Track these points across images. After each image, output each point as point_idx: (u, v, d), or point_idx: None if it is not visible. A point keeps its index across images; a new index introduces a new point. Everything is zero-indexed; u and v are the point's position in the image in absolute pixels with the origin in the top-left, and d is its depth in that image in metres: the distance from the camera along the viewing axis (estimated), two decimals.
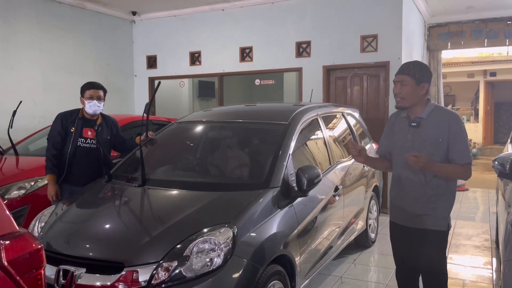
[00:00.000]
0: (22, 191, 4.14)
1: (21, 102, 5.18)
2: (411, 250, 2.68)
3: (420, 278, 2.78)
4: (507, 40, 7.59)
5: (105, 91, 3.76)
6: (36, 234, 2.84)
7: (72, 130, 3.65)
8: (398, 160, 2.70)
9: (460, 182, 8.54)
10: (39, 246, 1.71)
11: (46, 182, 4.12)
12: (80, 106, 3.80)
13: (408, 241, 2.69)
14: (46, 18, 6.65)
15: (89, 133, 3.70)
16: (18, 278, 1.55)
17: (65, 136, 3.66)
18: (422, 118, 2.58)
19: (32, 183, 4.20)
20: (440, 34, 8.03)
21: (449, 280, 3.85)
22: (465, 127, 2.56)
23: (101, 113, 3.82)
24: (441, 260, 2.64)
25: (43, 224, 2.91)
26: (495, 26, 7.58)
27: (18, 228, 1.71)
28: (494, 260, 4.45)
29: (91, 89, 3.67)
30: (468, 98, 16.50)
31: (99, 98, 3.68)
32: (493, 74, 14.99)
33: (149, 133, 3.68)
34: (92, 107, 3.66)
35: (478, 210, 6.84)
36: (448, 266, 4.36)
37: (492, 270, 4.21)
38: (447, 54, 11.63)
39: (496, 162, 3.12)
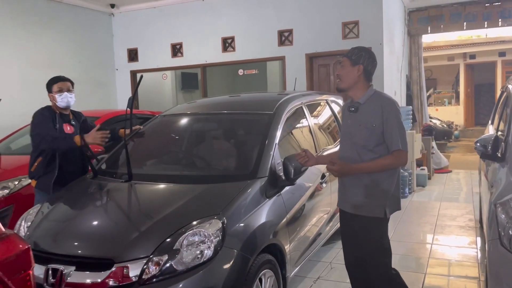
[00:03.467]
0: (6, 191, 4.07)
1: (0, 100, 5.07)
2: (352, 236, 2.66)
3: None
4: (486, 22, 7.69)
5: (72, 83, 3.68)
6: (22, 234, 2.80)
7: (56, 128, 3.55)
8: (340, 145, 2.78)
9: (444, 164, 8.68)
10: (26, 247, 1.70)
11: (29, 181, 4.04)
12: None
13: (349, 227, 2.67)
14: (21, 13, 6.49)
15: (68, 128, 3.63)
16: (6, 280, 1.54)
17: None
18: (359, 103, 2.59)
19: (16, 183, 4.13)
20: (420, 18, 8.09)
21: (435, 261, 3.92)
22: (400, 113, 2.54)
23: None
24: (378, 246, 2.57)
25: (29, 223, 2.86)
26: (473, 9, 7.67)
27: (4, 230, 1.69)
28: (479, 239, 4.56)
29: (58, 82, 3.59)
30: (449, 81, 16.74)
31: (69, 90, 3.60)
32: (472, 56, 15.22)
33: (134, 127, 3.63)
34: (64, 99, 3.57)
35: (461, 191, 6.98)
36: (434, 247, 4.46)
37: (477, 249, 4.31)
38: (427, 38, 11.74)
39: (478, 144, 3.16)
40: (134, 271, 2.27)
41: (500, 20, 7.62)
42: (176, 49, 7.75)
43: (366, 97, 2.58)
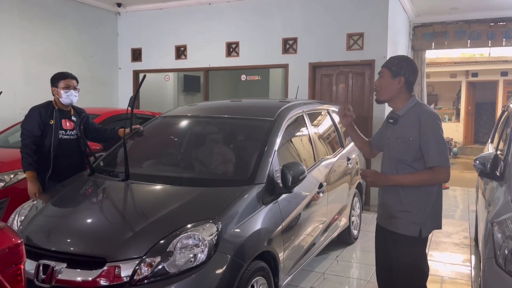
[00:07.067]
0: (2, 184, 4.06)
1: (1, 92, 5.06)
2: (386, 252, 2.63)
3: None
4: (490, 41, 7.72)
5: (77, 81, 3.71)
6: (15, 228, 2.78)
7: (51, 123, 3.56)
8: (382, 157, 2.70)
9: None
10: (19, 241, 1.68)
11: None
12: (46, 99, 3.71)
13: (383, 242, 2.65)
14: (28, 8, 6.50)
15: (68, 124, 3.65)
16: None
17: (44, 130, 3.55)
18: (398, 116, 2.52)
19: (12, 176, 4.11)
20: (425, 34, 8.12)
21: (428, 277, 3.90)
22: (441, 127, 2.42)
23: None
24: (412, 268, 2.51)
25: (22, 218, 2.85)
26: (478, 27, 7.70)
27: None
28: (473, 257, 4.54)
29: (66, 79, 3.61)
30: (450, 97, 16.76)
31: (74, 88, 3.63)
32: (474, 74, 15.26)
33: (134, 126, 3.63)
34: (69, 96, 3.60)
35: (458, 208, 6.97)
36: (428, 263, 4.44)
37: (471, 267, 4.29)
38: (430, 54, 11.78)
39: (477, 162, 3.16)
40: (126, 271, 2.26)
41: (504, 39, 7.64)
42: (180, 52, 7.76)
43: (406, 109, 2.49)
